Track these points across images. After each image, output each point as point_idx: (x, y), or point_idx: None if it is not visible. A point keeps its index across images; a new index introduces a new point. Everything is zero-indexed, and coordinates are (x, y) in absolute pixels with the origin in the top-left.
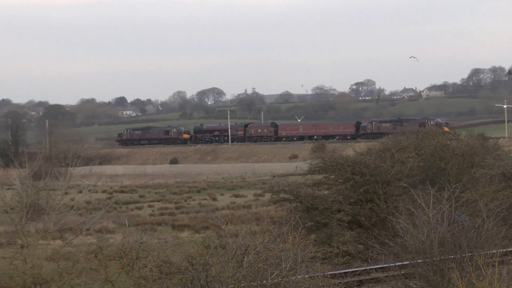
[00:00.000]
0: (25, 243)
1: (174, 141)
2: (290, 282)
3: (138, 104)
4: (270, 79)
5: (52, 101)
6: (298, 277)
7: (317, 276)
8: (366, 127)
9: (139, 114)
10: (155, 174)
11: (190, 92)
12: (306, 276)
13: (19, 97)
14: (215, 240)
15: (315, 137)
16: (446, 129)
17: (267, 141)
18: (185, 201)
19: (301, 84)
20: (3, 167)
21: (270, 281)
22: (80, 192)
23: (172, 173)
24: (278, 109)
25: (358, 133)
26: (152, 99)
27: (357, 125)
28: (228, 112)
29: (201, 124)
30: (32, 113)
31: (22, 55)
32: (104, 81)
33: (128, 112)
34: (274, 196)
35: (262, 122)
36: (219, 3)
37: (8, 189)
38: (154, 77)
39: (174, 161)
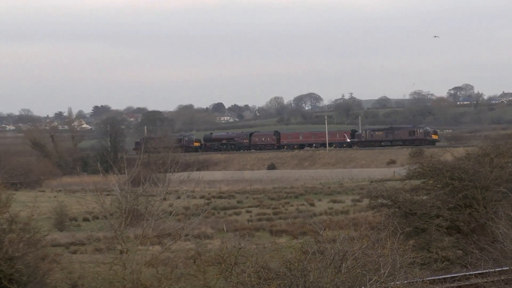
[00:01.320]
0: (124, 248)
1: (187, 149)
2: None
3: (236, 110)
4: (368, 84)
5: (150, 108)
6: (397, 282)
7: (416, 281)
8: (360, 135)
9: (237, 119)
10: (253, 180)
11: (288, 98)
12: (405, 281)
13: (118, 104)
14: (313, 246)
15: (314, 145)
16: (434, 136)
17: (270, 149)
18: (283, 206)
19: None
20: (102, 173)
21: (368, 287)
22: (179, 197)
23: (270, 179)
24: (375, 114)
25: (353, 141)
26: (249, 105)
27: (353, 133)
28: (326, 117)
29: (211, 133)
30: (131, 119)
31: (121, 62)
32: (202, 87)
33: (225, 118)
34: (372, 201)
35: (267, 131)
36: (317, 10)
37: (108, 195)
38: (251, 83)
39: (271, 167)
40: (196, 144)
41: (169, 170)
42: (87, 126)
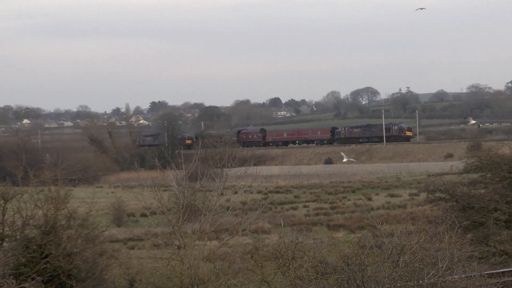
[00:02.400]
0: (182, 244)
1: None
2: (447, 281)
3: (293, 104)
4: (425, 78)
5: (207, 103)
6: (455, 276)
7: (474, 276)
8: (340, 132)
9: (293, 114)
10: (310, 174)
11: (344, 92)
12: (463, 275)
13: (175, 99)
14: (371, 240)
15: (297, 142)
16: (408, 133)
17: (256, 146)
18: (340, 201)
19: (453, 80)
20: (160, 169)
21: (426, 280)
22: (236, 193)
23: (327, 173)
24: (433, 108)
25: (334, 138)
26: (306, 100)
27: (333, 131)
28: (383, 111)
29: (202, 131)
30: (188, 115)
31: (178, 58)
32: (258, 83)
33: (282, 113)
34: (429, 195)
35: (254, 129)
36: (374, 4)
37: (165, 190)
38: (308, 78)
39: (328, 161)
40: (188, 141)
41: (226, 165)
42: (145, 122)
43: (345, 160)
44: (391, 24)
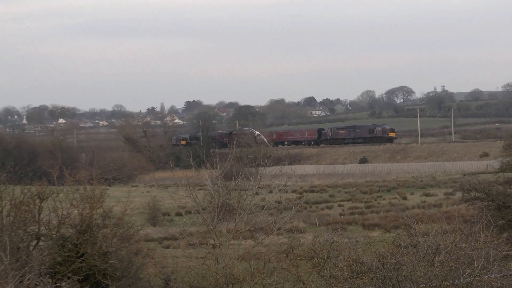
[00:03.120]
0: (217, 243)
1: (173, 147)
2: (483, 281)
3: (327, 103)
4: (460, 77)
5: (242, 102)
6: (491, 276)
7: (510, 275)
8: (326, 133)
9: (328, 113)
10: (345, 174)
11: (379, 91)
12: (499, 275)
13: (210, 99)
14: (406, 239)
15: (286, 142)
16: (391, 134)
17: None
18: (375, 200)
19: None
20: (195, 168)
21: (462, 280)
22: (271, 192)
23: (362, 172)
24: (468, 107)
25: (320, 139)
26: (341, 99)
27: (319, 132)
28: (418, 110)
29: (196, 132)
30: (223, 114)
31: (213, 57)
32: (293, 81)
33: (317, 112)
34: (465, 194)
35: (244, 130)
36: (410, 2)
37: (200, 189)
38: (343, 77)
39: (363, 160)
40: (183, 142)
41: (261, 165)
42: (179, 121)
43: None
44: (426, 23)
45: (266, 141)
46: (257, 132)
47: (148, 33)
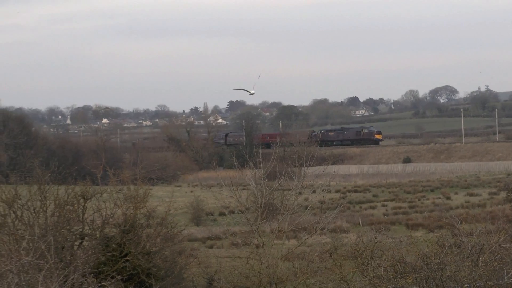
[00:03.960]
0: (261, 242)
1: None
2: None
3: (371, 103)
4: (504, 76)
5: (285, 102)
6: None
7: None
8: (316, 135)
9: (372, 113)
10: (388, 173)
11: (423, 91)
12: None
13: (253, 99)
14: (450, 239)
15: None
16: (378, 136)
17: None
18: (419, 200)
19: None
20: (238, 168)
21: (506, 280)
22: (314, 192)
23: (405, 172)
24: None
25: (311, 141)
26: (384, 98)
27: (310, 134)
28: (461, 110)
29: (195, 134)
30: (266, 114)
31: (256, 57)
32: (336, 81)
33: (360, 112)
34: (509, 194)
35: (240, 133)
36: (453, 1)
37: (243, 189)
38: (386, 76)
39: (407, 160)
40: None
41: (304, 164)
42: (223, 121)
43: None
44: (470, 22)
45: None
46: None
47: (192, 33)
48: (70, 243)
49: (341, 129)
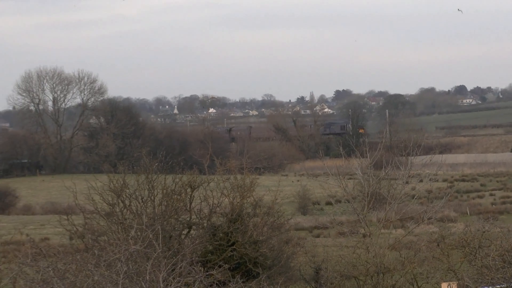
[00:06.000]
0: (367, 232)
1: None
2: None
3: (478, 92)
4: None
5: (392, 91)
6: None
7: None
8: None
9: (479, 102)
10: (496, 162)
11: None
12: None
13: (359, 88)
14: None
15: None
16: (360, 130)
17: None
18: None
19: None
20: (344, 157)
21: None
22: (421, 181)
23: None
24: None
25: None
26: (492, 87)
27: None
28: None
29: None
30: (372, 103)
31: (362, 46)
32: (443, 69)
33: (468, 101)
34: None
35: (243, 127)
36: None
37: (350, 178)
38: (494, 64)
39: None
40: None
41: (411, 154)
42: (329, 110)
43: None
44: None
45: None
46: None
47: (299, 23)
48: (178, 232)
49: (328, 124)
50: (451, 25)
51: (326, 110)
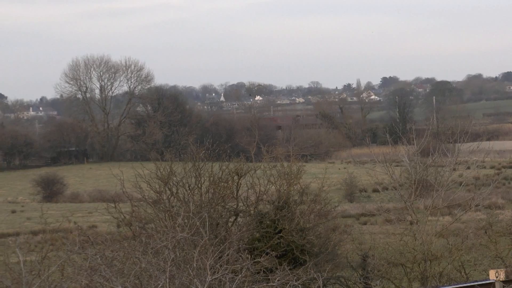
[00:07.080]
0: (415, 219)
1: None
2: None
3: None
4: None
5: (439, 78)
6: None
7: None
8: (299, 119)
9: None
10: None
11: None
12: None
13: (406, 74)
14: None
15: None
16: None
17: None
18: None
19: None
20: (391, 144)
21: None
22: (468, 168)
23: None
24: None
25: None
26: None
27: (295, 118)
28: None
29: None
30: (419, 90)
31: (409, 33)
32: (491, 56)
33: None
34: None
35: None
36: None
37: (397, 166)
38: None
39: None
40: None
41: (458, 141)
42: (376, 97)
43: None
44: None
45: None
46: None
47: (345, 10)
48: (225, 219)
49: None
50: (499, 12)
51: (372, 97)
